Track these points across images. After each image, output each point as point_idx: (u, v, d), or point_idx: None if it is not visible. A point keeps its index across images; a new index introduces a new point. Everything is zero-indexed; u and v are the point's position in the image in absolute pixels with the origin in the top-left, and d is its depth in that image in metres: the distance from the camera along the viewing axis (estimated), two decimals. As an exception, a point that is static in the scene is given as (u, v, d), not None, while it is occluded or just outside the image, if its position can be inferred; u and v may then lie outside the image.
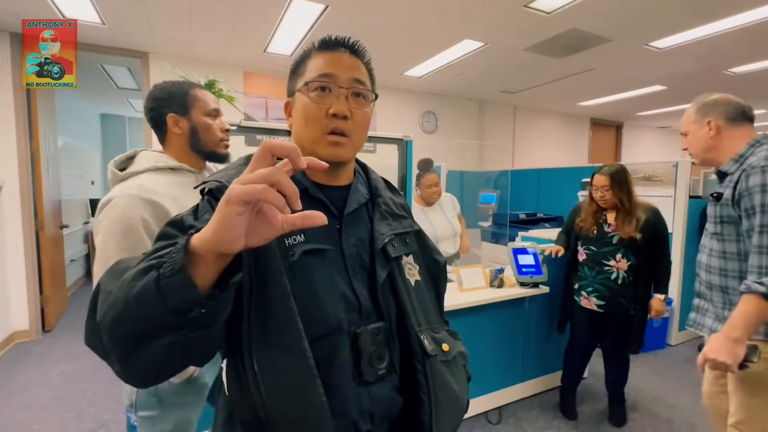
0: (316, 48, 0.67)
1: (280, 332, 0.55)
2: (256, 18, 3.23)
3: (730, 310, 1.27)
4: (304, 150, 0.65)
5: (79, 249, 5.34)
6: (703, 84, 5.20)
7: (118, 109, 6.75)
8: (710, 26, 3.37)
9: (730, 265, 1.28)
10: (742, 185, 1.19)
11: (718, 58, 4.23)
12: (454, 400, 0.67)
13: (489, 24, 3.34)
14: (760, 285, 1.10)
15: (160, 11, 3.09)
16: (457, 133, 5.89)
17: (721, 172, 1.32)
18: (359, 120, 0.65)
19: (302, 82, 0.65)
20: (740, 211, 1.21)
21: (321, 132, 0.63)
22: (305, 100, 0.64)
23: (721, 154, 1.31)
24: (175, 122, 1.12)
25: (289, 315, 0.55)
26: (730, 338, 1.13)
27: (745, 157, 1.25)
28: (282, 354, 0.55)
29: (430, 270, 0.78)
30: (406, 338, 0.66)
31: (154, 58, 3.94)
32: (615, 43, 3.73)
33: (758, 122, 7.94)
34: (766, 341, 1.20)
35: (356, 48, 0.68)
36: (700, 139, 1.34)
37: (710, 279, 1.35)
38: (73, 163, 5.16)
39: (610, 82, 5.14)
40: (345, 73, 0.64)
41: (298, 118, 0.66)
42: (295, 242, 0.61)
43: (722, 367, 1.14)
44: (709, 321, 1.37)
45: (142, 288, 0.42)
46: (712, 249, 1.35)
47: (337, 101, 0.63)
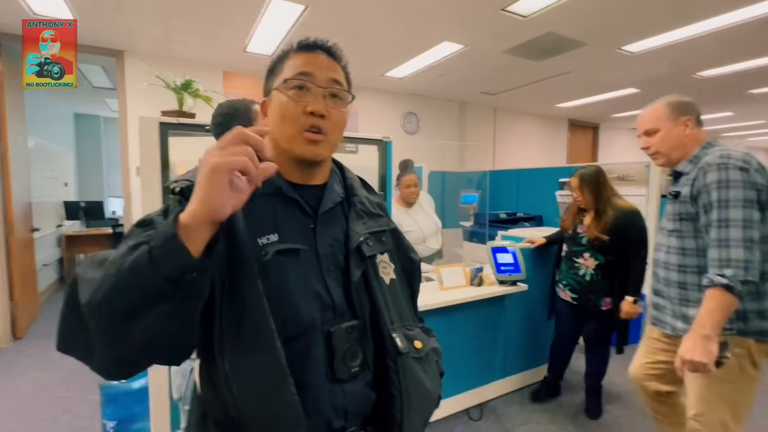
0: (295, 49, 0.67)
1: (252, 332, 0.55)
2: (235, 18, 3.20)
3: (687, 306, 1.33)
4: (279, 148, 0.66)
5: (52, 253, 5.17)
6: (674, 87, 5.39)
7: (93, 109, 6.56)
8: (680, 31, 3.51)
9: (689, 261, 1.32)
10: (700, 182, 1.24)
11: (688, 62, 4.39)
12: (425, 395, 0.69)
13: (467, 26, 3.39)
14: (721, 277, 1.14)
15: (136, 9, 3.03)
16: (439, 134, 5.94)
17: (677, 172, 1.38)
18: (336, 119, 0.66)
19: (280, 80, 0.65)
20: (698, 207, 1.26)
21: (298, 129, 0.63)
22: (282, 98, 0.64)
23: (687, 153, 1.36)
24: None
25: (261, 315, 0.55)
26: (701, 336, 1.14)
27: (699, 158, 1.31)
28: (254, 354, 0.55)
29: (405, 268, 0.79)
30: (380, 336, 0.67)
31: (130, 57, 3.85)
32: (590, 47, 3.84)
33: (726, 123, 8.27)
34: (732, 335, 1.23)
35: (334, 51, 0.69)
36: (675, 137, 1.37)
37: (668, 276, 1.39)
38: (46, 165, 4.99)
39: (586, 84, 5.28)
40: (323, 74, 0.65)
41: (274, 117, 0.66)
42: (269, 242, 0.61)
43: (700, 367, 1.14)
44: (668, 318, 1.41)
45: (135, 260, 0.45)
46: (670, 246, 1.38)
47: (315, 99, 0.63)
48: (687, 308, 1.33)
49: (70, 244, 5.49)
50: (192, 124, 1.64)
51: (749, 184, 1.17)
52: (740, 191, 1.16)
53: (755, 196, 1.17)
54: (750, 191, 1.16)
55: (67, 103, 6.16)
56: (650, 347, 1.54)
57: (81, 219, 5.83)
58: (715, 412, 1.26)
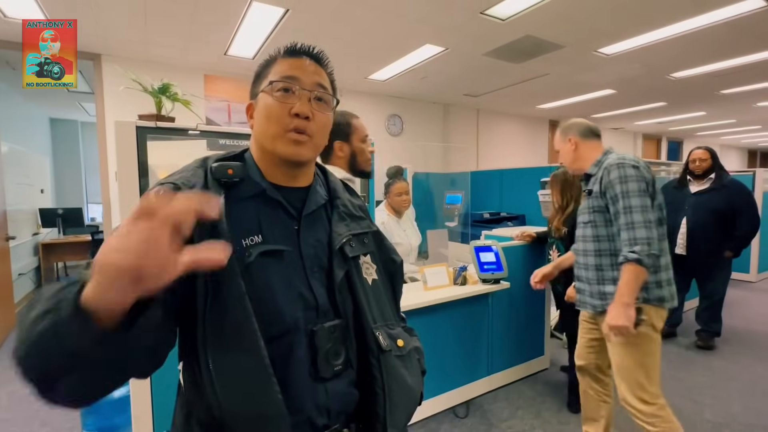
0: (282, 54, 0.69)
1: (235, 333, 0.56)
2: (215, 21, 3.18)
3: (604, 284, 1.58)
4: (264, 150, 0.67)
5: (29, 262, 5.02)
6: (648, 88, 5.56)
7: (69, 114, 6.41)
8: (651, 34, 3.63)
9: (603, 246, 1.58)
10: (605, 179, 1.52)
11: (660, 64, 4.54)
12: (407, 392, 0.70)
13: (448, 29, 3.44)
14: (632, 253, 1.40)
15: (111, 12, 2.98)
16: (423, 136, 5.99)
17: (588, 175, 1.66)
18: (321, 122, 0.67)
19: (266, 83, 0.66)
20: (607, 200, 1.53)
21: (282, 129, 0.64)
22: (269, 100, 0.65)
23: (584, 162, 1.66)
24: (340, 147, 1.34)
25: (244, 316, 0.56)
26: (622, 304, 1.41)
27: (602, 162, 1.59)
28: (237, 354, 0.56)
29: (387, 269, 0.80)
30: (362, 335, 0.68)
31: (108, 60, 3.79)
32: (567, 50, 3.94)
33: (699, 123, 8.55)
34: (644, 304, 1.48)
35: (320, 57, 0.71)
36: (567, 153, 1.69)
37: (587, 261, 1.64)
38: (20, 171, 4.85)
39: (565, 86, 5.40)
40: (308, 78, 0.67)
41: (259, 118, 0.67)
42: (252, 243, 0.62)
43: (624, 330, 1.40)
44: (588, 298, 1.65)
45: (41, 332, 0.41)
46: (586, 236, 1.64)
47: (300, 102, 0.65)
48: (604, 286, 1.58)
49: (47, 253, 5.34)
50: (171, 127, 1.62)
51: (641, 177, 1.46)
52: (636, 183, 1.45)
53: (646, 188, 1.46)
54: (642, 183, 1.46)
55: (40, 107, 6.00)
56: (583, 329, 1.81)
57: (58, 226, 5.68)
58: (633, 375, 1.53)
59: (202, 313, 0.56)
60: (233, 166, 0.65)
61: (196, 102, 1.94)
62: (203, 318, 0.56)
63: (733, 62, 4.46)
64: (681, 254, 3.13)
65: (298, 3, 2.89)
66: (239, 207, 0.63)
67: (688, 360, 2.98)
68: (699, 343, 3.19)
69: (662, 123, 8.46)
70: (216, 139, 1.97)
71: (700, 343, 3.18)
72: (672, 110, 7.14)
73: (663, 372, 2.54)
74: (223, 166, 0.64)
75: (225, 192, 0.63)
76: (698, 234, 3.04)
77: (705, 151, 3.09)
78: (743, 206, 2.95)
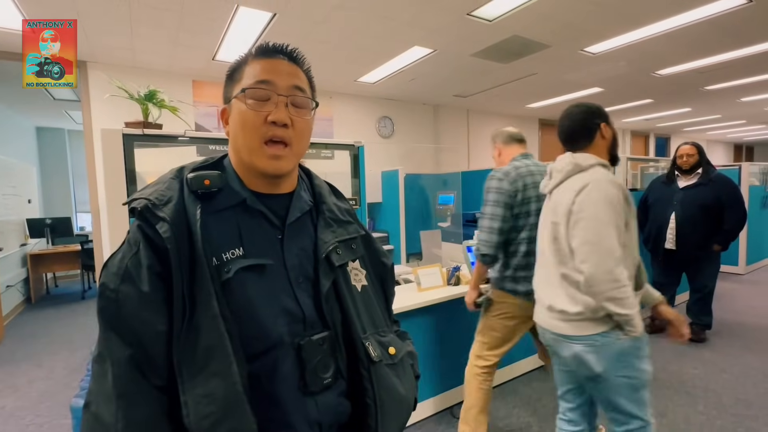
0: (253, 55, 0.65)
1: (206, 357, 0.54)
2: (202, 26, 3.16)
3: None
4: (242, 161, 0.64)
5: (16, 273, 4.93)
6: (634, 86, 5.63)
7: (56, 122, 6.32)
8: (635, 33, 3.68)
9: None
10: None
11: (645, 62, 4.60)
12: (399, 401, 0.68)
13: (436, 31, 3.46)
14: (477, 251, 1.75)
15: (96, 19, 2.96)
16: (414, 137, 6.01)
17: None
18: (300, 128, 0.64)
19: (239, 89, 0.63)
20: None
21: (259, 141, 0.61)
22: (242, 107, 0.62)
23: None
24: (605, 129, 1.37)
25: (216, 339, 0.54)
26: (469, 287, 1.88)
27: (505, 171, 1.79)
28: (209, 379, 0.53)
29: (377, 273, 0.77)
30: (352, 345, 0.66)
31: (93, 68, 3.75)
32: (553, 49, 3.98)
33: (685, 119, 8.68)
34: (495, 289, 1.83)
35: (295, 55, 0.67)
36: (495, 158, 1.96)
37: None
38: (6, 181, 4.77)
39: (553, 85, 5.45)
40: (284, 81, 0.63)
41: (234, 126, 0.63)
42: (233, 257, 0.59)
43: (469, 305, 1.88)
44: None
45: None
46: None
47: (276, 109, 0.61)
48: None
49: (36, 263, 5.26)
50: (159, 134, 1.61)
51: (499, 189, 1.71)
52: (492, 194, 1.72)
53: (502, 198, 1.69)
54: (498, 194, 1.70)
55: (26, 117, 5.91)
56: None
57: (47, 236, 5.59)
58: (480, 336, 1.90)
59: (178, 333, 0.54)
60: (210, 176, 0.62)
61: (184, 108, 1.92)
62: (178, 338, 0.54)
63: (717, 58, 4.54)
64: (671, 249, 3.16)
65: (286, 7, 2.89)
66: (218, 218, 0.61)
67: (680, 353, 3.02)
68: (690, 336, 3.23)
69: (649, 120, 8.58)
70: (206, 145, 1.95)
71: (692, 336, 3.22)
72: (658, 107, 7.24)
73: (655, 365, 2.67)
74: (199, 177, 0.61)
75: (202, 204, 0.60)
76: (687, 228, 3.08)
77: (692, 147, 3.13)
78: (730, 200, 2.99)
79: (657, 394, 2.45)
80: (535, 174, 1.75)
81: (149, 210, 0.57)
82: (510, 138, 1.90)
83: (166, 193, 0.60)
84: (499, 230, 1.69)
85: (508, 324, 1.82)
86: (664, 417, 2.22)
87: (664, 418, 2.21)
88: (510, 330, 1.83)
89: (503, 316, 1.81)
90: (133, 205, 0.58)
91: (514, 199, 1.69)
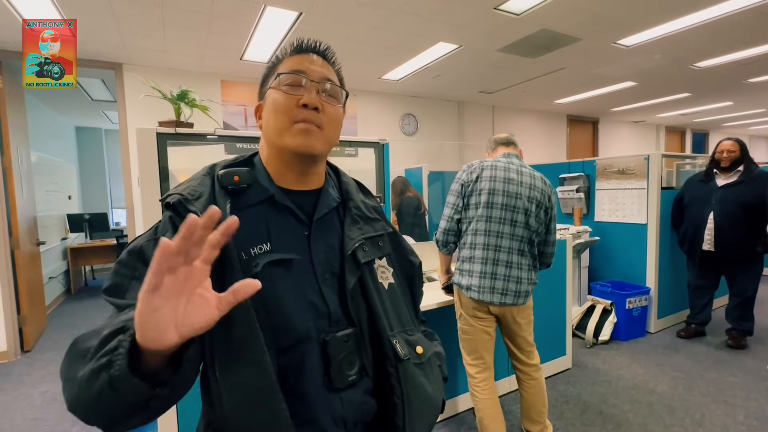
0: (289, 53, 0.68)
1: (240, 346, 0.55)
2: (231, 27, 3.23)
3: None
4: (272, 144, 0.65)
5: (58, 266, 5.21)
6: (671, 79, 5.38)
7: (93, 122, 6.62)
8: (672, 24, 3.51)
9: None
10: None
11: (683, 54, 4.39)
12: (427, 401, 0.67)
13: (462, 26, 3.40)
14: (436, 240, 1.88)
15: (131, 23, 3.07)
16: (438, 134, 5.96)
17: None
18: (331, 114, 0.65)
19: (274, 78, 0.65)
20: None
21: (290, 121, 0.62)
22: (276, 95, 0.64)
23: None
24: None
25: (248, 329, 0.55)
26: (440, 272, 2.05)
27: None
28: (243, 367, 0.55)
29: (404, 271, 0.77)
30: (379, 343, 0.66)
31: (128, 69, 3.90)
32: (584, 42, 3.85)
33: (727, 113, 8.25)
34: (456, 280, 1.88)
35: (326, 53, 0.69)
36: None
37: None
38: (49, 179, 5.05)
39: (583, 79, 5.28)
40: (316, 70, 0.65)
41: (267, 115, 0.65)
42: (261, 251, 0.60)
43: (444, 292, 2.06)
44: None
45: (99, 390, 0.44)
46: None
47: (308, 93, 0.63)
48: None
49: (75, 257, 5.54)
50: (190, 133, 1.66)
51: (458, 179, 1.83)
52: (454, 185, 1.84)
53: (460, 189, 1.81)
54: (456, 184, 1.83)
55: (66, 117, 6.22)
56: None
57: (85, 231, 5.88)
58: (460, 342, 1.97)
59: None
60: (240, 173, 0.64)
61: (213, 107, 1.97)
62: (210, 331, 0.54)
63: (762, 49, 4.28)
64: (708, 250, 3.02)
65: (311, 6, 2.91)
66: (247, 214, 0.62)
67: (719, 360, 2.88)
68: (729, 343, 3.08)
69: (686, 115, 8.18)
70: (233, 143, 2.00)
71: (731, 343, 3.07)
72: (696, 101, 6.89)
73: (692, 372, 2.72)
74: (229, 173, 0.63)
75: (232, 199, 0.61)
76: (726, 229, 2.93)
77: (734, 143, 2.97)
78: (775, 199, 2.83)
79: (694, 402, 2.35)
80: (498, 168, 1.79)
81: (181, 204, 0.59)
82: (495, 143, 1.99)
83: (198, 188, 0.62)
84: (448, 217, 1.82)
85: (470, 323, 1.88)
86: (701, 426, 2.12)
87: (701, 427, 2.12)
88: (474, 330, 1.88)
89: (462, 316, 1.89)
90: (168, 200, 0.60)
91: (470, 189, 1.79)
